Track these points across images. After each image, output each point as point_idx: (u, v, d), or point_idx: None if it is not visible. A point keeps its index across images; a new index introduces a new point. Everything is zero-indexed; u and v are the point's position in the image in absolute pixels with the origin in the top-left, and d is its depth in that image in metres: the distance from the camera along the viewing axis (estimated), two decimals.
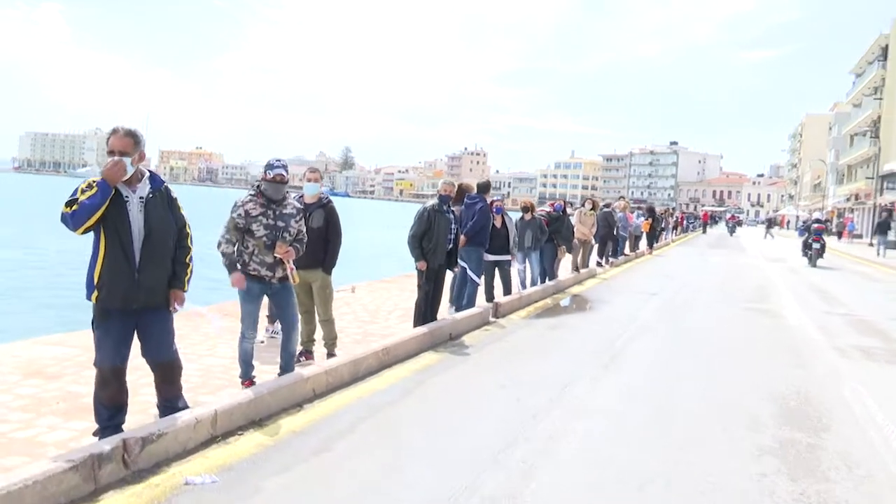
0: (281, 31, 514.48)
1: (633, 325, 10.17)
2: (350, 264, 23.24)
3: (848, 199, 71.14)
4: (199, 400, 5.49)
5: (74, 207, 4.07)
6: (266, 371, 6.16)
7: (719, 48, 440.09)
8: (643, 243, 25.95)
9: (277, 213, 5.65)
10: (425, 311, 8.31)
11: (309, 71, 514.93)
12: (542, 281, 13.07)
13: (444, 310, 9.67)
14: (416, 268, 8.38)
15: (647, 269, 20.01)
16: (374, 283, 13.60)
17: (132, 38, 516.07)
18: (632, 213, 24.39)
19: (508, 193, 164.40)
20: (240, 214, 5.60)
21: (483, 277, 10.56)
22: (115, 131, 4.31)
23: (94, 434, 4.43)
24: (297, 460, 4.41)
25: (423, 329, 7.84)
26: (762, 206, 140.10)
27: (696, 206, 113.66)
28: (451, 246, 8.53)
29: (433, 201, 8.52)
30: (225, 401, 4.83)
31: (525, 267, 12.29)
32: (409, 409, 5.66)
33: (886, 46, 60.53)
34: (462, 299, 9.92)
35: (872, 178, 60.03)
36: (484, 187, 10.41)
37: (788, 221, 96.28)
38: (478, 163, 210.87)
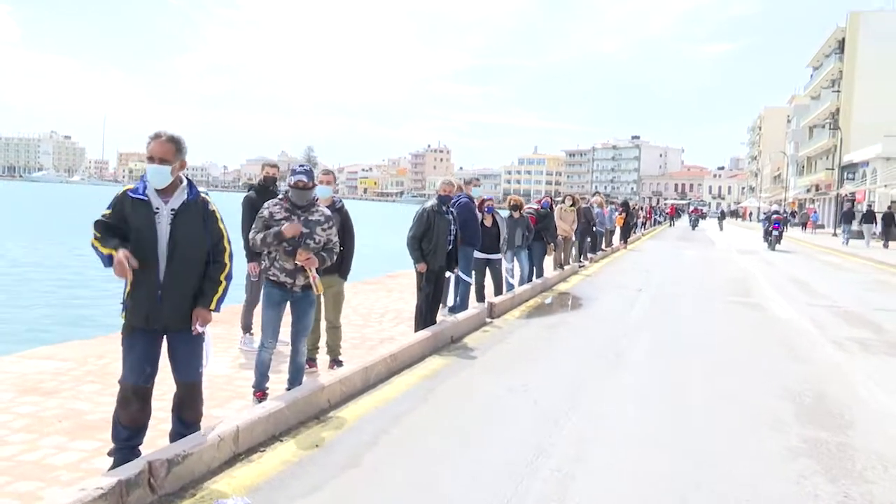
0: (238, 32, 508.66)
1: (629, 322, 10.13)
2: None
3: (808, 190, 72.56)
4: (210, 413, 5.28)
5: (93, 242, 3.97)
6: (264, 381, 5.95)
7: (677, 42, 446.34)
8: (616, 238, 26.10)
9: (302, 218, 5.46)
10: (426, 314, 8.15)
11: (268, 71, 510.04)
12: (530, 279, 12.98)
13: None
14: (416, 270, 8.21)
15: (626, 265, 20.08)
16: (357, 285, 13.38)
17: (84, 39, 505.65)
18: (606, 207, 24.48)
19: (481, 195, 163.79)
20: (266, 216, 5.45)
21: (474, 276, 10.43)
22: (157, 136, 4.05)
23: (109, 454, 4.18)
24: (326, 477, 4.23)
25: (426, 333, 7.68)
26: (723, 199, 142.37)
27: (658, 200, 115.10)
28: (450, 247, 8.38)
29: (432, 202, 8.36)
30: (244, 416, 4.63)
31: (513, 266, 12.18)
32: (427, 417, 5.50)
33: (843, 39, 61.79)
34: (456, 300, 9.79)
35: (833, 168, 61.31)
36: (467, 184, 10.29)
37: (751, 213, 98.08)
38: (441, 160, 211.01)
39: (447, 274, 8.63)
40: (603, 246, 22.71)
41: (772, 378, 7.16)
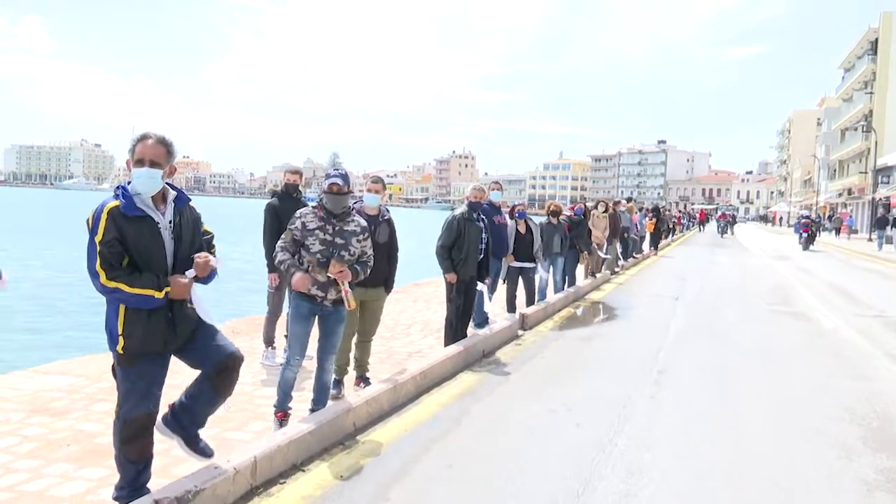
0: (264, 40, 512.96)
1: (669, 334, 9.63)
2: None
3: (840, 195, 71.09)
4: (226, 437, 4.92)
5: (117, 285, 3.43)
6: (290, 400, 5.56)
7: (703, 46, 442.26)
8: (646, 244, 25.49)
9: (337, 228, 5.09)
10: (457, 326, 7.73)
11: (293, 79, 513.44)
12: (562, 288, 12.52)
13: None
14: (446, 280, 7.80)
15: (658, 272, 19.51)
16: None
17: (114, 49, 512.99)
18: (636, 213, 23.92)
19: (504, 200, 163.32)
20: (297, 227, 5.08)
21: (507, 285, 10.00)
22: (144, 137, 3.64)
23: (116, 500, 3.72)
24: None
25: (457, 347, 7.27)
26: (752, 203, 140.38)
27: (685, 205, 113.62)
28: (482, 256, 7.97)
29: (462, 208, 7.96)
30: (264, 445, 4.24)
31: (549, 274, 11.73)
32: (461, 442, 5.08)
33: (876, 40, 60.53)
34: (482, 314, 9.36)
35: (866, 172, 60.00)
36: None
37: (781, 218, 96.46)
38: (466, 166, 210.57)
39: (479, 285, 8.21)
40: (634, 253, 22.15)
41: (830, 396, 6.64)
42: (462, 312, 7.84)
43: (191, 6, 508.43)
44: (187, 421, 3.87)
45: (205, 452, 3.94)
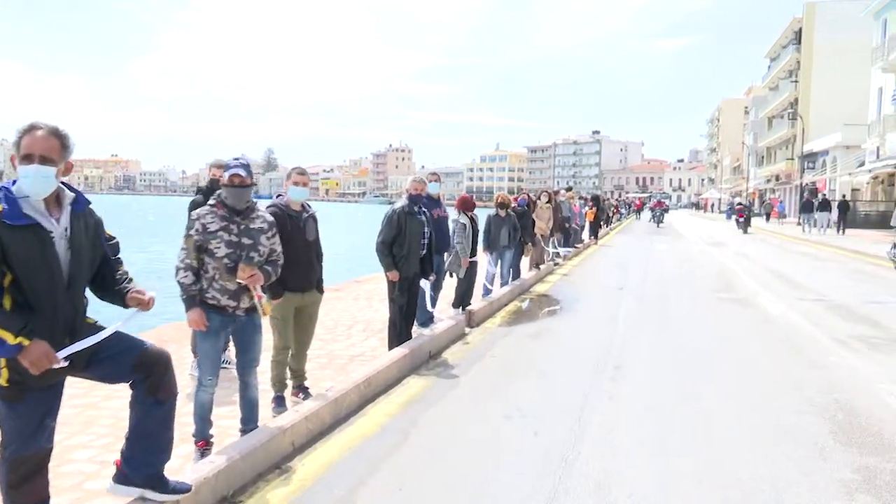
0: (194, 35, 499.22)
1: (619, 327, 9.36)
2: None
3: (769, 181, 73.13)
4: None
5: None
6: (219, 418, 5.03)
7: (634, 38, 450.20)
8: (585, 233, 25.44)
9: (243, 227, 4.52)
10: (401, 328, 7.27)
11: (226, 74, 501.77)
12: (507, 281, 12.19)
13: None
14: (388, 279, 7.33)
15: (600, 261, 19.42)
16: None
17: (35, 43, 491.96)
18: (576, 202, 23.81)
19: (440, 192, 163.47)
20: (197, 229, 4.46)
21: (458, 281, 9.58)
22: (31, 128, 3.05)
23: None
24: None
25: (402, 350, 6.80)
26: (683, 191, 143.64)
27: (620, 194, 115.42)
28: (424, 252, 7.52)
29: (402, 202, 7.49)
30: (188, 476, 3.70)
31: (496, 268, 11.36)
32: (412, 459, 4.62)
33: (800, 30, 62.24)
34: (426, 312, 8.94)
35: (792, 158, 61.76)
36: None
37: (712, 204, 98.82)
38: (403, 159, 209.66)
39: (422, 282, 7.76)
40: (574, 243, 22.03)
41: (791, 387, 6.43)
42: (406, 312, 7.38)
43: (115, 0, 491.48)
44: (144, 463, 3.37)
45: (178, 490, 3.45)
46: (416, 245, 7.36)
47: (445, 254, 9.35)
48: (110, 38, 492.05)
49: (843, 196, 42.06)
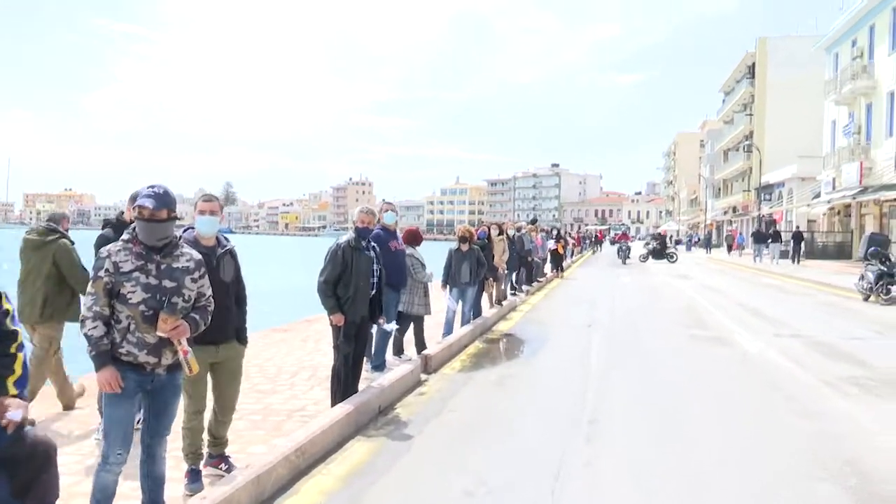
0: (150, 67, 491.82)
1: (591, 371, 8.54)
2: None
3: (725, 213, 73.90)
4: None
5: None
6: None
7: (590, 72, 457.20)
8: (547, 267, 24.74)
9: (163, 267, 3.67)
10: (346, 379, 6.33)
11: (183, 108, 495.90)
12: (467, 320, 11.33)
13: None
14: (332, 323, 6.42)
15: (565, 296, 18.68)
16: (268, 334, 11.47)
17: None
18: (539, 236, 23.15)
19: (397, 222, 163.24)
20: (106, 270, 3.58)
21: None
22: None
23: None
24: None
25: (346, 407, 5.86)
26: (642, 223, 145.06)
27: (579, 226, 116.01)
28: (374, 292, 6.64)
29: (348, 235, 6.62)
30: None
31: (458, 306, 10.50)
32: None
33: (753, 65, 63.39)
34: (382, 355, 8.07)
35: (749, 190, 62.45)
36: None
37: (670, 236, 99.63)
38: (364, 192, 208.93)
39: (385, 325, 6.89)
40: (538, 277, 21.30)
41: (788, 443, 5.65)
42: (353, 362, 6.46)
43: (67, 31, 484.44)
44: None
45: None
46: (363, 284, 6.48)
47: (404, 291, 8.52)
48: (60, 71, 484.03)
49: (797, 227, 42.73)
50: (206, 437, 4.77)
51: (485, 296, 12.53)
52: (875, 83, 35.54)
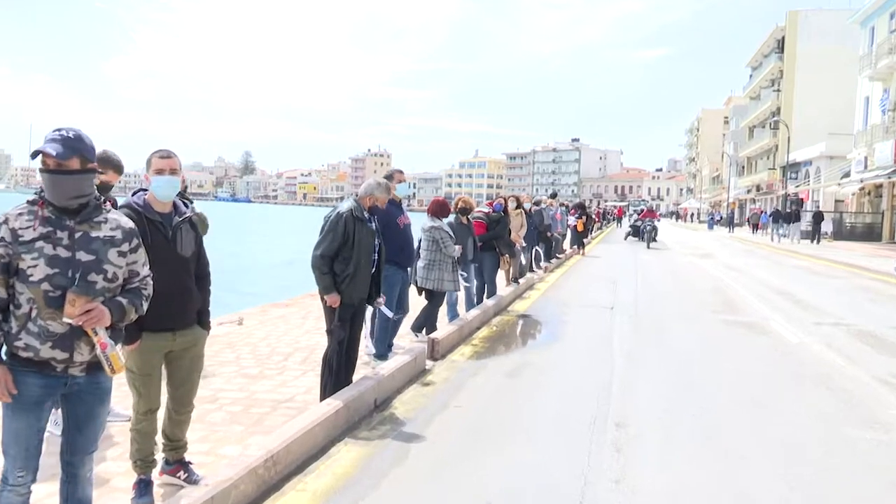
0: (172, 36, 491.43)
1: (615, 361, 7.67)
2: (240, 284, 20.10)
3: (749, 191, 72.26)
4: None
5: None
6: None
7: (612, 48, 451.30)
8: (566, 244, 23.79)
9: (78, 236, 2.84)
10: (338, 369, 5.51)
11: (204, 76, 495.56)
12: (480, 299, 10.49)
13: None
14: (326, 304, 5.59)
15: (586, 275, 17.76)
16: (268, 309, 10.70)
17: (7, 43, 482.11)
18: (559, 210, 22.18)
19: (414, 194, 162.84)
20: (2, 238, 2.76)
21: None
22: None
23: None
24: None
25: (335, 403, 5.04)
26: (662, 200, 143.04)
27: (598, 202, 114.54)
28: (374, 270, 5.80)
29: (350, 203, 5.76)
30: None
31: (466, 282, 9.61)
32: None
33: (782, 38, 61.42)
34: (386, 340, 7.26)
35: (774, 168, 60.84)
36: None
37: (691, 214, 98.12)
38: (382, 164, 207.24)
39: (380, 306, 6.06)
40: (556, 253, 20.39)
41: (854, 459, 4.79)
42: (347, 349, 5.64)
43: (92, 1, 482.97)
44: None
45: None
46: (365, 261, 5.65)
47: (410, 268, 7.71)
48: (82, 37, 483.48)
49: (817, 207, 41.58)
50: (160, 439, 3.99)
51: (500, 273, 11.66)
52: None
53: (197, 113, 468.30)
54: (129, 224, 3.05)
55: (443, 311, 9.45)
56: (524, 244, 14.37)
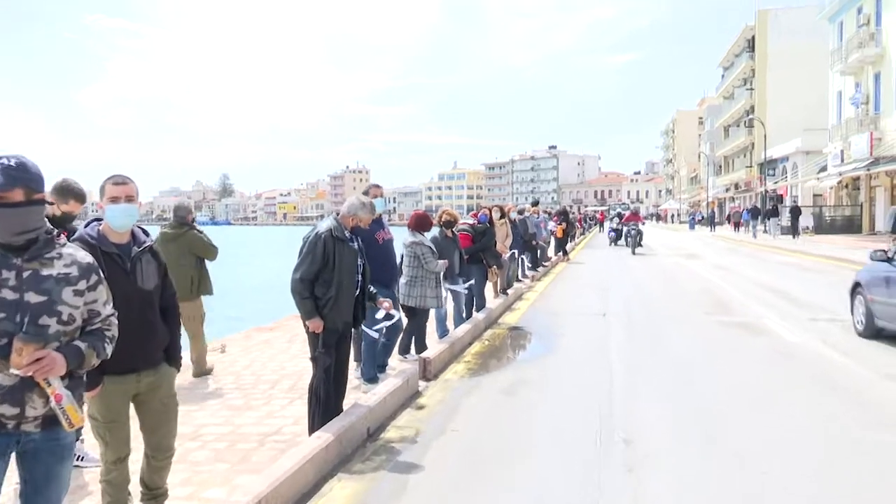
0: (144, 62, 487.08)
1: (614, 371, 7.41)
2: (223, 308, 19.68)
3: (727, 189, 72.64)
4: None
5: None
6: None
7: (585, 55, 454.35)
8: (551, 250, 23.59)
9: (27, 275, 2.55)
10: (326, 399, 5.20)
11: (179, 101, 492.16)
12: (469, 313, 10.20)
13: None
14: (308, 330, 5.29)
15: (573, 281, 17.53)
16: (252, 334, 10.36)
17: None
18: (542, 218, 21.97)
19: (395, 209, 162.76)
20: None
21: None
22: None
23: None
24: None
25: (325, 436, 4.72)
26: (641, 202, 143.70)
27: (579, 207, 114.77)
28: (357, 292, 5.50)
29: (329, 222, 5.46)
30: None
31: (462, 294, 9.28)
32: None
33: (753, 38, 61.95)
34: (374, 363, 6.95)
35: (751, 166, 61.20)
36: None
37: (671, 215, 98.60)
38: (361, 180, 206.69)
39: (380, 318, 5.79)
40: (542, 262, 20.15)
41: (882, 471, 4.54)
42: (335, 375, 5.33)
43: (61, 30, 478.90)
44: None
45: None
46: (348, 283, 5.34)
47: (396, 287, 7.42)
48: (53, 67, 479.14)
49: (794, 202, 41.90)
50: (138, 486, 3.67)
51: (488, 285, 11.38)
52: (883, 51, 34.25)
53: (173, 139, 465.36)
54: (87, 259, 2.74)
55: (432, 327, 9.17)
56: (514, 254, 14.14)
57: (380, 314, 6.27)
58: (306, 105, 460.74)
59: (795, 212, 36.72)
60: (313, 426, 5.07)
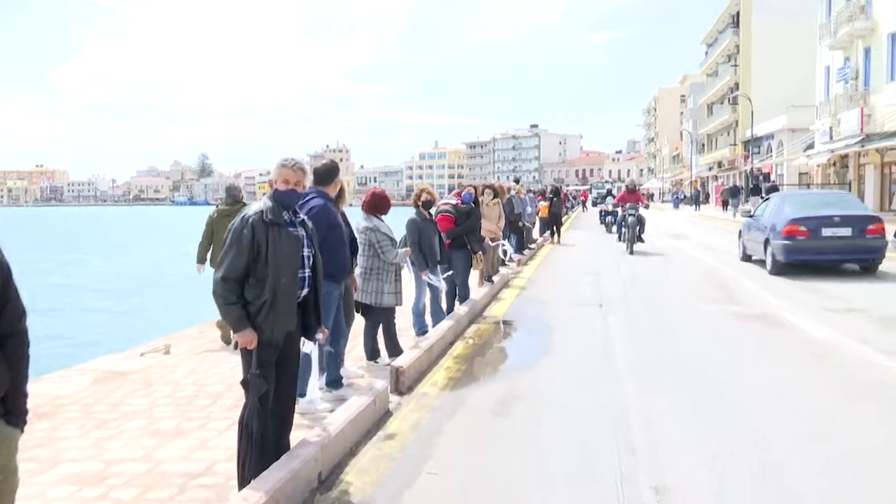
0: (120, 40, 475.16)
1: (624, 382, 6.17)
2: (185, 296, 18.27)
3: (710, 168, 71.75)
4: None
5: None
6: None
7: (566, 33, 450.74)
8: (536, 232, 22.36)
9: None
10: (262, 437, 3.92)
11: (155, 79, 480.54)
12: (451, 306, 8.97)
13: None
14: (240, 345, 4.01)
15: (563, 266, 16.34)
16: (206, 329, 9.12)
17: None
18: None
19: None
20: None
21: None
22: None
23: None
24: None
25: (254, 497, 3.47)
26: (623, 181, 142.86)
27: (560, 186, 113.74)
28: (306, 291, 4.22)
29: (262, 204, 4.14)
30: None
31: (441, 285, 8.02)
32: None
33: (738, 13, 60.76)
34: (335, 370, 5.76)
35: (735, 144, 60.27)
36: (324, 174, 5.69)
37: (652, 194, 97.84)
38: (341, 160, 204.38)
39: (305, 345, 4.46)
40: (528, 244, 18.95)
41: None
42: (275, 404, 4.06)
43: (36, 8, 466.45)
44: None
45: None
46: (289, 280, 4.03)
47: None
48: (27, 45, 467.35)
49: (773, 181, 41.02)
50: None
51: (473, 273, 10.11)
52: (874, 24, 33.15)
53: (150, 117, 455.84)
54: None
55: (409, 321, 7.95)
56: (502, 239, 12.94)
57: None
58: (285, 82, 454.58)
59: (772, 191, 35.79)
60: (243, 475, 3.80)
